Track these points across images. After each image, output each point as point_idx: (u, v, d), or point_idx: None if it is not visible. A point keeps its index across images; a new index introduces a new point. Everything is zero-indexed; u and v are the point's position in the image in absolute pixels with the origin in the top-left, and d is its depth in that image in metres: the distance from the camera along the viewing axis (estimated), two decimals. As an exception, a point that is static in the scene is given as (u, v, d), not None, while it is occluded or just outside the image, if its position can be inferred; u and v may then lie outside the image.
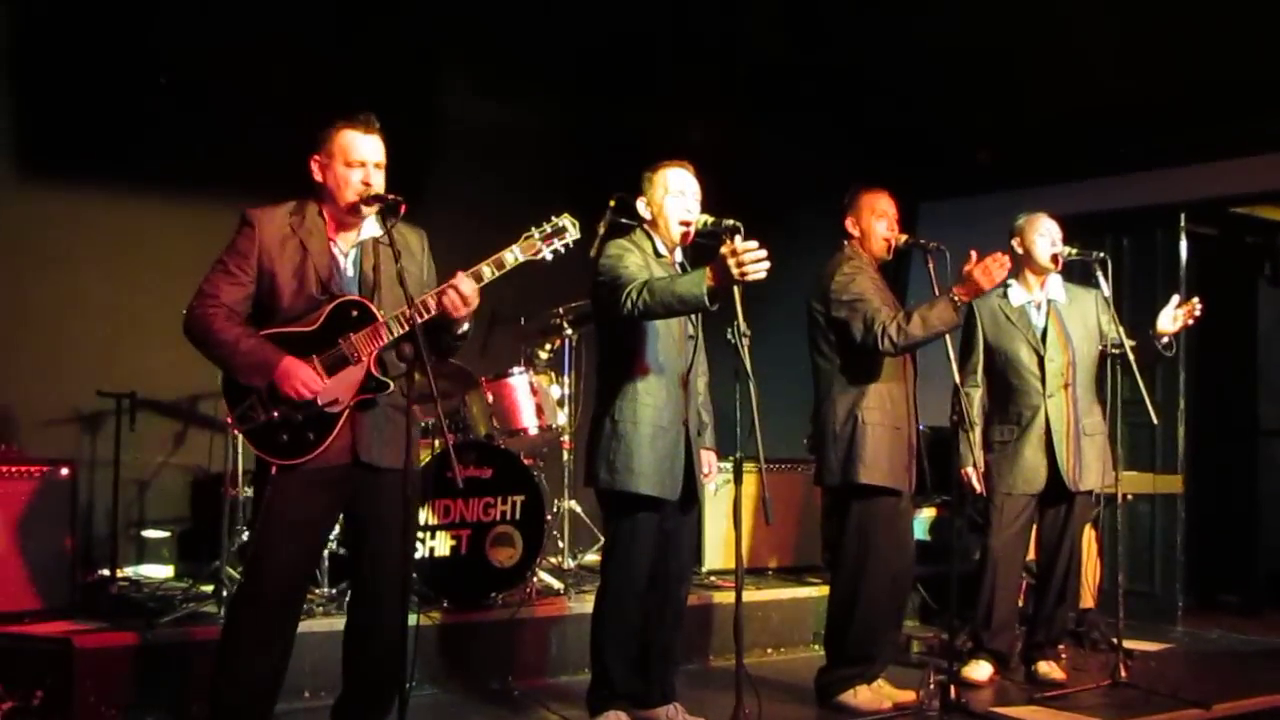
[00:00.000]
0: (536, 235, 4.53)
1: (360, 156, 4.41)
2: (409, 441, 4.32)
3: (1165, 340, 6.21)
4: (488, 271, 4.44)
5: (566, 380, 7.23)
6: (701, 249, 5.01)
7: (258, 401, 4.32)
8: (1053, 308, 6.32)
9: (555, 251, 4.56)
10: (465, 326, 4.54)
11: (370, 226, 4.51)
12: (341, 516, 4.66)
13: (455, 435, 6.69)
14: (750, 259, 4.49)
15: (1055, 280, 6.36)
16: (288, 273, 4.38)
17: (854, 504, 5.65)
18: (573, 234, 4.57)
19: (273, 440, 4.34)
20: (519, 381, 6.78)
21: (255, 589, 4.38)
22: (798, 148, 8.88)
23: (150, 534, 7.26)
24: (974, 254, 5.37)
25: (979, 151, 9.12)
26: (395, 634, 4.44)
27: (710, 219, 4.95)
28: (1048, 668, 6.31)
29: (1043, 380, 6.21)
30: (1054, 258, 6.23)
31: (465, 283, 4.38)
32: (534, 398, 6.77)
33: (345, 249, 4.49)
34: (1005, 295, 6.34)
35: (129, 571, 6.91)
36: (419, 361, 4.29)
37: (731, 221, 4.72)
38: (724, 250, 4.56)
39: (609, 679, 5.08)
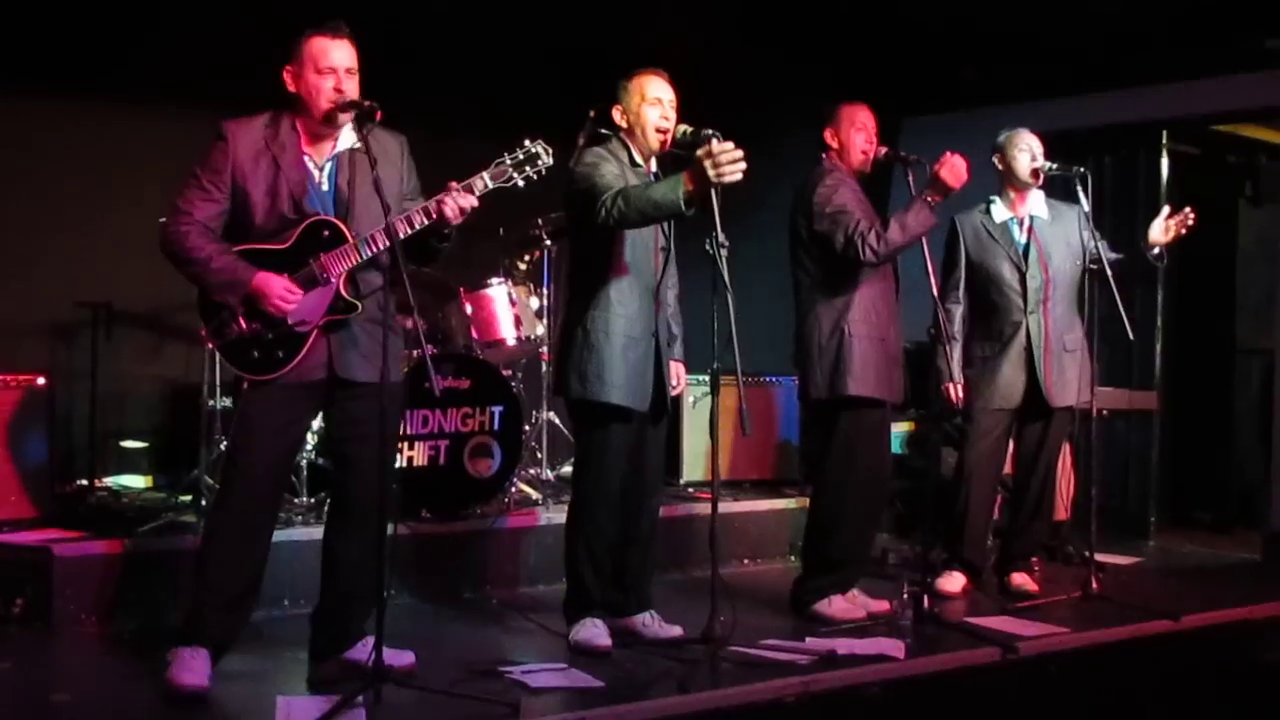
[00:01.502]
0: (508, 161, 4.51)
1: (330, 63, 4.36)
2: (387, 354, 4.30)
3: (1156, 251, 6.23)
4: None
5: (545, 292, 7.23)
6: (681, 160, 5.00)
7: (231, 317, 4.34)
8: (1034, 224, 6.31)
9: (527, 178, 4.54)
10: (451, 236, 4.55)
11: (347, 137, 4.48)
12: (319, 427, 4.69)
13: (433, 346, 6.69)
14: (726, 159, 4.48)
15: (1038, 196, 6.35)
16: (261, 189, 4.37)
17: (841, 416, 5.67)
18: (545, 160, 4.55)
19: (244, 356, 4.38)
20: (498, 293, 6.77)
21: (232, 496, 4.44)
22: (779, 62, 8.81)
23: (128, 444, 7.25)
24: (948, 155, 5.37)
25: (962, 68, 9.06)
26: (373, 543, 4.49)
27: (689, 129, 4.93)
28: (1021, 580, 6.37)
29: (1024, 297, 6.22)
30: (1034, 172, 6.22)
31: (467, 197, 4.40)
32: (512, 309, 6.76)
33: (320, 162, 4.45)
34: (988, 212, 6.33)
35: (108, 482, 6.91)
36: (396, 271, 4.28)
37: (710, 131, 4.71)
38: (700, 153, 4.55)
39: (584, 588, 5.12)
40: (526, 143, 4.55)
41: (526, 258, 7.23)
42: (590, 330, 5.01)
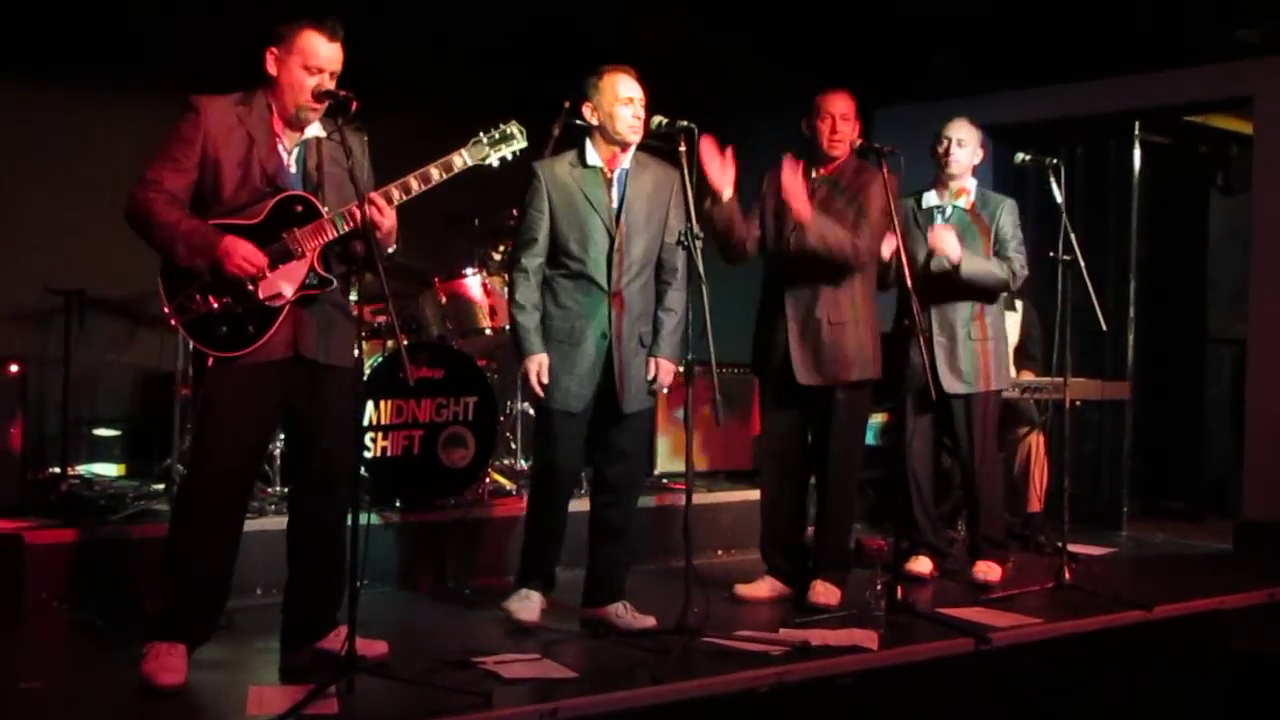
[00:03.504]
0: (485, 141, 4.59)
1: (320, 64, 4.35)
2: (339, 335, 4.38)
3: None
4: (435, 174, 4.47)
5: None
6: (655, 150, 5.06)
7: (199, 290, 4.27)
8: (956, 214, 6.33)
9: (502, 158, 4.62)
10: (392, 248, 4.65)
11: (315, 126, 4.49)
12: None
13: (408, 335, 6.67)
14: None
15: (972, 185, 6.40)
16: (232, 162, 4.33)
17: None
18: (520, 142, 4.64)
19: (211, 332, 4.30)
20: (472, 282, 6.77)
21: (201, 482, 4.39)
22: (749, 52, 8.80)
23: (101, 432, 7.24)
24: None
25: (934, 57, 9.06)
26: (339, 528, 4.48)
27: (664, 120, 4.98)
28: (984, 569, 6.36)
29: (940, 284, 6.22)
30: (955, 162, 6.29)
31: (379, 199, 4.41)
32: (487, 299, 6.75)
33: (289, 145, 4.45)
34: (921, 197, 6.36)
35: (80, 470, 6.88)
36: (369, 260, 4.28)
37: (685, 123, 4.85)
38: (529, 370, 5.05)
39: (526, 560, 5.34)
40: (501, 124, 4.62)
41: (501, 247, 7.21)
42: None
